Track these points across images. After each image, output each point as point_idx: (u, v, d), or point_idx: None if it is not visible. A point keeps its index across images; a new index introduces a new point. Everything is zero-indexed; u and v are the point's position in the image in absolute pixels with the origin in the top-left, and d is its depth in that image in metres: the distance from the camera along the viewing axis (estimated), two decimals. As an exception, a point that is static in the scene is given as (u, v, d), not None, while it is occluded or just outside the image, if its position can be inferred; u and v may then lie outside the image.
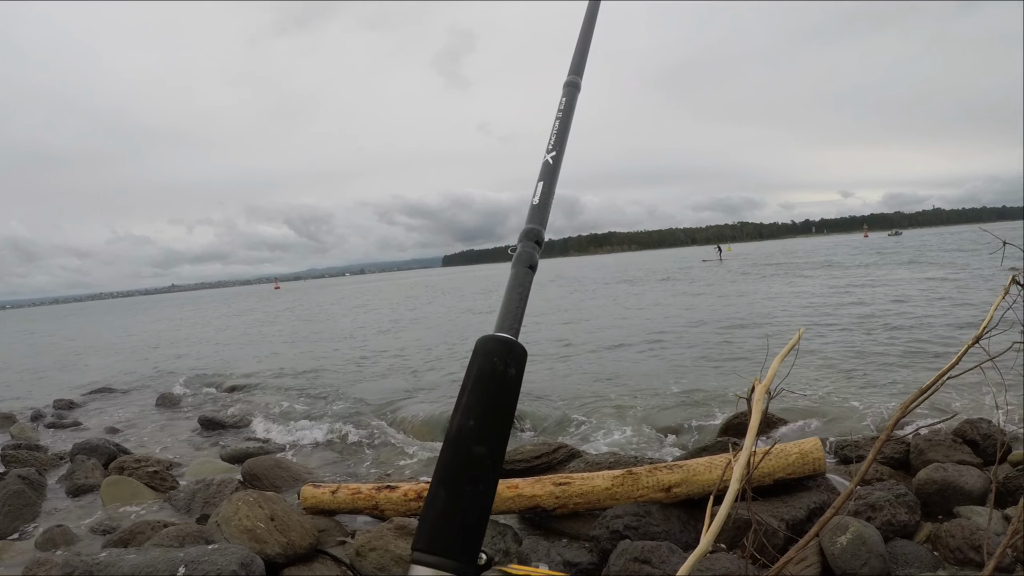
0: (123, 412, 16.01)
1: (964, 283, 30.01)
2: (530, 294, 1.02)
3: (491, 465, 0.83)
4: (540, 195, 1.06)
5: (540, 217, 1.03)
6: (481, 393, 0.86)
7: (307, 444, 11.63)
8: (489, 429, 0.84)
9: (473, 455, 0.82)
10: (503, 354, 0.88)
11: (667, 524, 6.06)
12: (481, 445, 0.83)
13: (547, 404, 13.16)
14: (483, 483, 0.82)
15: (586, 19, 1.31)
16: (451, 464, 0.83)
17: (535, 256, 0.99)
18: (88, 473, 9.92)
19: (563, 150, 1.12)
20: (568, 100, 1.19)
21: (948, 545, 5.43)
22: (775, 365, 4.14)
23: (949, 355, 4.47)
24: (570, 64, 1.27)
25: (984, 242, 65.42)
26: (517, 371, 0.88)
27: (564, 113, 1.17)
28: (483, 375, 0.87)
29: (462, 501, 0.80)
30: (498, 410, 0.86)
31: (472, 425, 0.84)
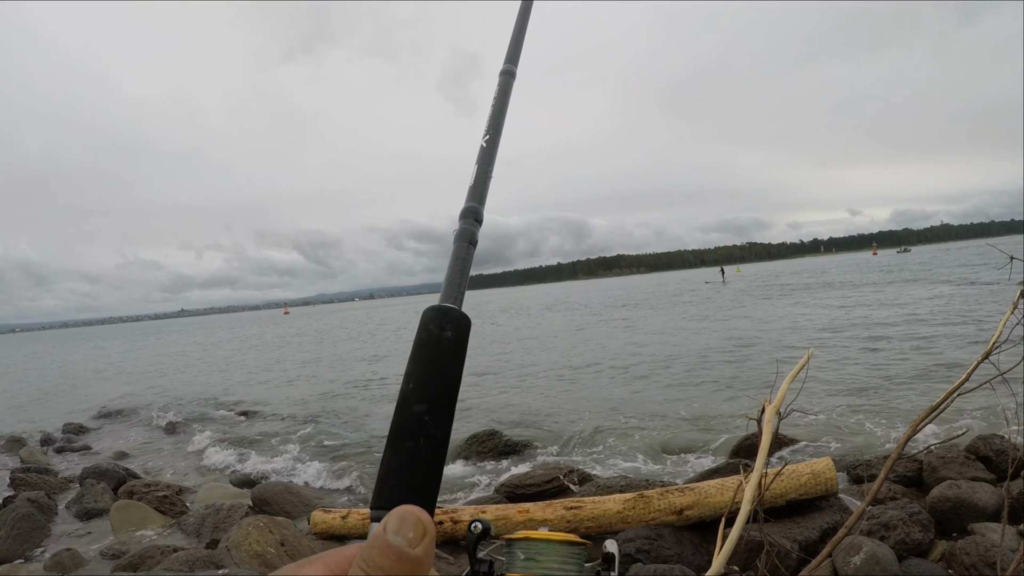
0: (132, 436, 16.03)
1: (973, 299, 29.92)
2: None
3: (433, 424, 0.86)
4: (476, 177, 1.10)
5: (478, 196, 1.09)
6: (420, 358, 0.89)
7: (316, 469, 11.59)
8: (429, 391, 0.87)
9: (414, 415, 0.85)
10: (439, 320, 0.91)
11: (679, 547, 6.03)
12: (421, 405, 0.86)
13: (557, 428, 13.12)
14: (425, 440, 0.84)
15: (520, 12, 1.37)
16: (397, 427, 0.85)
17: (475, 232, 1.05)
18: (97, 497, 9.92)
19: (499, 134, 1.16)
20: (503, 87, 1.23)
21: (963, 563, 5.39)
22: (785, 386, 4.13)
23: (959, 372, 4.45)
24: (506, 53, 1.32)
25: (991, 256, 65.25)
26: (455, 334, 0.91)
27: (498, 100, 1.20)
28: (421, 342, 0.90)
29: (410, 458, 0.84)
30: (437, 372, 0.89)
31: (412, 388, 0.87)
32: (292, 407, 18.30)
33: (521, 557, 0.91)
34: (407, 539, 0.79)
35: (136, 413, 19.72)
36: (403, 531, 0.79)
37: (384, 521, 0.80)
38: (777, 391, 4.20)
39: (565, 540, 0.93)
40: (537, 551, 0.91)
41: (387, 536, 0.79)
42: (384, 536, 0.79)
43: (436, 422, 0.87)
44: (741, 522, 3.51)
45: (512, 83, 1.29)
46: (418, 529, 0.79)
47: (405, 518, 0.79)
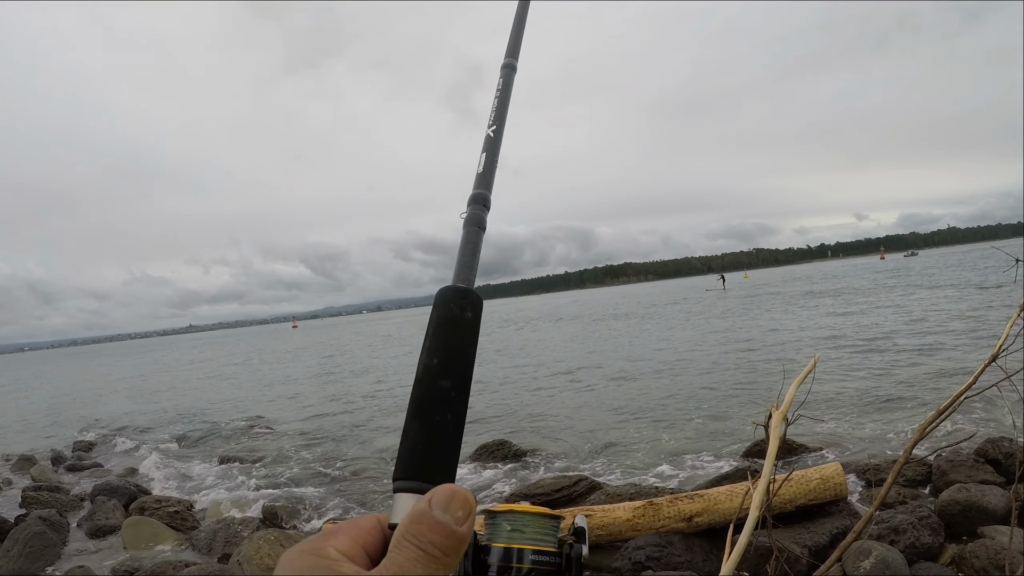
0: (142, 453, 16.04)
1: (979, 302, 29.86)
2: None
3: (456, 398, 0.90)
4: (484, 164, 1.16)
5: (486, 183, 1.14)
6: (442, 335, 0.94)
7: (326, 481, 11.61)
8: (452, 366, 0.92)
9: (439, 389, 0.90)
10: (459, 300, 0.96)
11: (689, 554, 6.04)
12: (445, 380, 0.91)
13: (566, 437, 13.12)
14: (450, 414, 0.89)
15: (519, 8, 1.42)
16: (421, 400, 0.90)
17: (484, 217, 1.10)
18: (109, 514, 9.94)
19: (503, 124, 1.22)
20: (505, 80, 1.30)
21: (973, 566, 5.39)
22: (791, 391, 4.14)
23: (966, 375, 4.46)
24: (506, 48, 1.38)
25: (998, 259, 65.07)
26: (473, 314, 0.96)
27: (502, 92, 1.28)
28: (443, 320, 0.95)
29: (434, 430, 0.88)
30: (459, 349, 0.94)
31: (436, 364, 0.92)
32: (301, 422, 18.29)
33: (507, 528, 0.95)
34: (455, 517, 0.82)
35: (146, 429, 19.74)
36: (452, 509, 0.82)
37: (429, 497, 0.83)
38: (784, 397, 4.22)
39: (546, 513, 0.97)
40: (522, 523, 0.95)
41: (434, 513, 0.82)
42: (431, 513, 0.82)
43: (460, 397, 0.92)
44: (750, 528, 3.53)
45: (513, 76, 1.34)
46: (465, 508, 0.82)
47: (454, 497, 0.83)
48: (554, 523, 0.97)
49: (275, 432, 17.06)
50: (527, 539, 0.94)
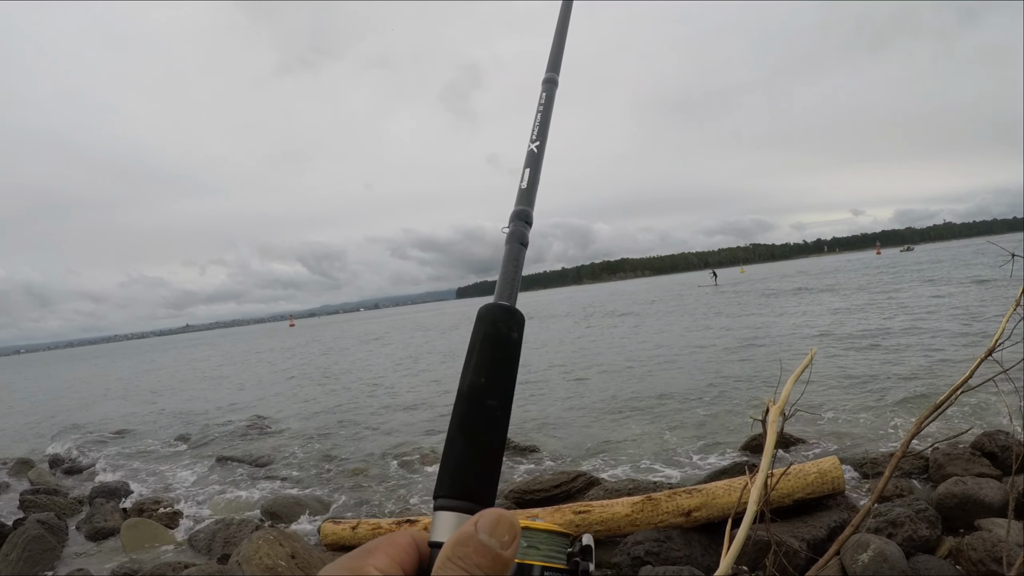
0: (141, 453, 16.03)
1: (976, 297, 29.91)
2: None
3: (501, 416, 0.90)
4: (528, 180, 1.15)
5: (528, 199, 1.14)
6: (489, 353, 0.94)
7: (325, 481, 11.61)
8: (498, 384, 0.92)
9: (486, 407, 0.90)
10: (506, 319, 0.97)
11: (688, 548, 6.06)
12: (492, 398, 0.91)
13: (564, 433, 13.15)
14: (496, 433, 0.89)
15: (560, 20, 1.43)
16: (468, 416, 0.90)
17: (526, 234, 1.10)
18: (107, 516, 9.94)
19: (545, 139, 1.22)
20: (548, 95, 1.30)
21: (970, 558, 5.41)
22: (789, 385, 4.16)
23: (963, 369, 4.48)
24: (547, 63, 1.38)
25: (994, 254, 65.20)
26: (518, 334, 0.97)
27: (544, 107, 1.28)
28: (489, 337, 0.95)
29: (479, 449, 0.88)
30: (504, 367, 0.94)
31: (483, 382, 0.92)
32: (299, 421, 18.27)
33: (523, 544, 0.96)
34: (501, 542, 0.83)
35: (144, 431, 19.71)
36: (498, 533, 0.83)
37: (476, 521, 0.83)
38: (781, 392, 4.23)
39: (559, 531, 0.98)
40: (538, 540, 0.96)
41: (480, 536, 0.82)
42: (477, 536, 0.82)
43: (504, 417, 0.92)
44: (748, 522, 3.54)
45: (555, 90, 1.35)
46: (511, 532, 0.83)
47: (501, 521, 0.83)
48: (566, 540, 0.98)
49: (273, 431, 17.05)
50: (542, 556, 0.96)
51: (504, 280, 1.05)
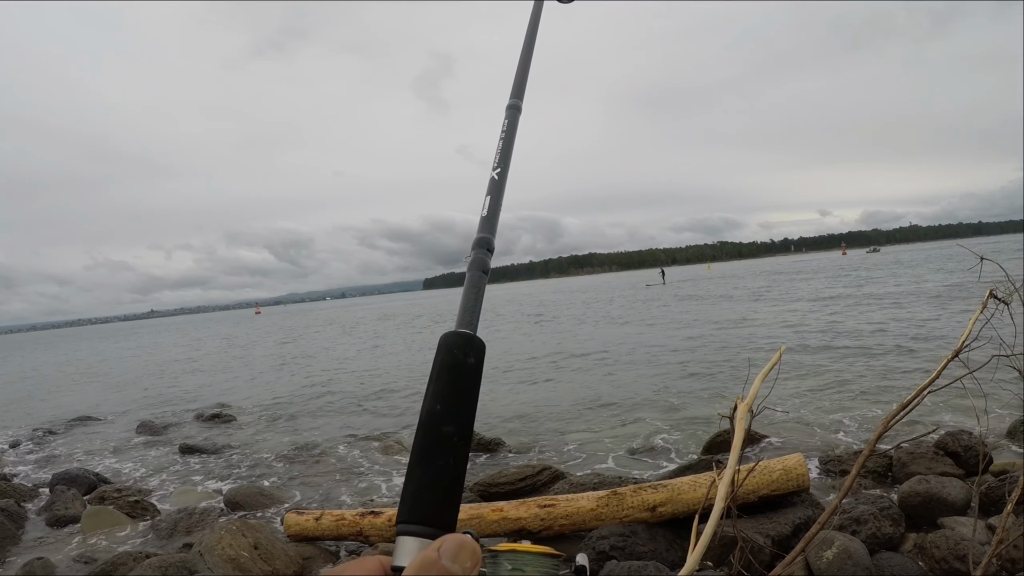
0: (103, 440, 15.86)
1: (943, 298, 30.27)
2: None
3: (459, 442, 0.91)
4: (488, 208, 1.16)
5: (489, 227, 1.14)
6: (447, 381, 0.95)
7: (289, 470, 11.54)
8: (456, 411, 0.93)
9: (443, 434, 0.91)
10: (463, 346, 0.97)
11: (653, 543, 6.06)
12: (449, 425, 0.91)
13: (530, 427, 13.16)
14: (454, 458, 0.90)
15: (524, 47, 1.42)
16: (427, 445, 0.90)
17: (487, 261, 1.11)
18: (68, 503, 9.81)
19: (507, 167, 1.22)
20: (510, 122, 1.30)
21: (933, 556, 5.46)
22: (757, 383, 4.16)
23: (930, 370, 4.52)
24: (511, 89, 1.38)
25: (960, 257, 65.96)
26: (476, 360, 0.97)
27: (507, 134, 1.27)
28: (446, 365, 0.95)
29: (438, 474, 0.89)
30: (462, 394, 0.94)
31: (440, 409, 0.92)
32: (264, 409, 18.17)
33: (508, 568, 0.95)
34: (463, 567, 0.81)
35: (107, 418, 19.50)
36: (460, 559, 0.81)
37: (438, 546, 0.82)
38: (750, 388, 4.24)
39: (548, 553, 0.97)
40: (524, 562, 0.95)
41: (443, 562, 0.81)
42: (440, 562, 0.81)
43: (462, 443, 0.92)
44: (715, 518, 3.54)
45: (519, 117, 1.34)
46: (473, 559, 0.82)
47: (463, 547, 0.82)
48: (555, 562, 0.98)
49: (237, 420, 16.94)
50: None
51: (464, 308, 1.05)
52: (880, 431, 4.34)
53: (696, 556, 3.43)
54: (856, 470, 4.18)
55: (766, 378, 4.34)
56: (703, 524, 3.62)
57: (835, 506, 4.03)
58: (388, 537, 6.83)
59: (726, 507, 3.70)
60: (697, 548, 3.45)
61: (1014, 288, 4.40)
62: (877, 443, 4.44)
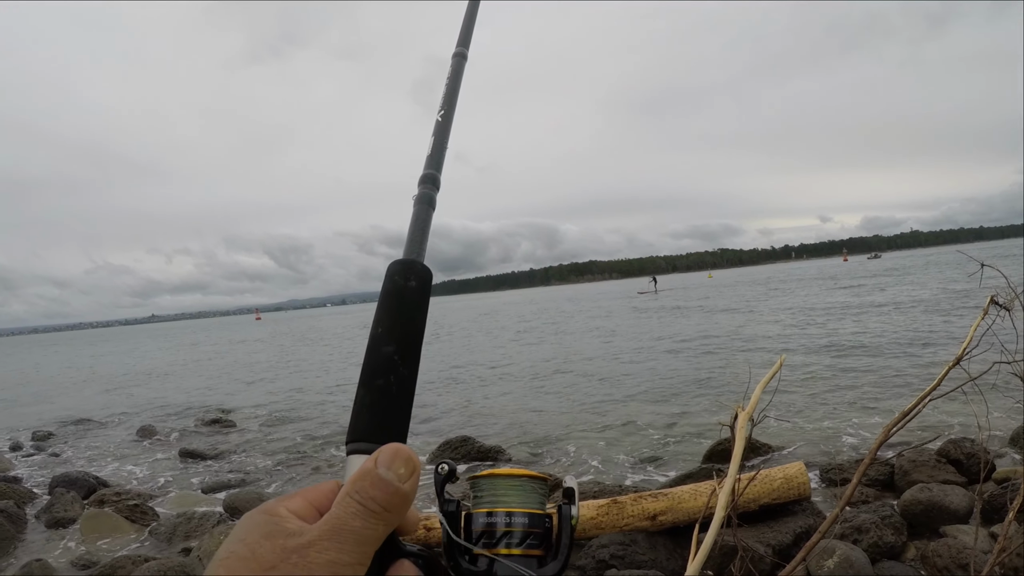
0: (103, 444, 15.85)
1: (944, 304, 30.25)
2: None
3: (400, 362, 0.94)
4: (433, 147, 1.21)
5: (435, 164, 1.19)
6: (388, 306, 0.99)
7: (289, 474, 11.53)
8: (396, 332, 0.96)
9: (383, 355, 0.94)
10: (404, 272, 1.01)
11: (653, 552, 6.04)
12: (389, 346, 0.95)
13: (529, 434, 13.14)
14: (395, 376, 0.93)
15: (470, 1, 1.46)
16: (368, 367, 0.93)
17: (434, 196, 1.15)
18: (67, 506, 9.80)
19: (452, 110, 1.27)
20: (455, 69, 1.35)
21: (935, 565, 5.44)
22: (757, 392, 4.15)
23: (931, 377, 4.51)
24: (458, 37, 1.42)
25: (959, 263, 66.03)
26: (418, 283, 1.01)
27: (452, 80, 1.33)
28: (388, 292, 1.00)
29: (379, 394, 0.92)
30: (403, 316, 0.98)
31: (381, 332, 0.96)
32: (265, 414, 18.16)
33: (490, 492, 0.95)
34: (398, 475, 0.83)
35: (107, 421, 19.49)
36: (395, 467, 0.83)
37: (375, 456, 0.84)
38: (750, 397, 4.22)
39: (527, 475, 0.97)
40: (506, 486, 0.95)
41: (379, 471, 0.82)
42: (375, 470, 0.82)
43: (404, 362, 0.95)
44: (715, 527, 3.52)
45: (464, 64, 1.38)
46: (408, 466, 0.84)
47: (397, 455, 0.84)
48: (537, 484, 0.98)
49: (237, 425, 16.93)
50: (513, 502, 0.95)
51: (411, 238, 1.09)
52: (881, 439, 4.32)
53: (696, 565, 3.41)
54: (857, 479, 4.16)
55: (767, 387, 4.33)
56: (703, 533, 3.60)
57: (836, 514, 4.01)
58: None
59: (726, 516, 3.68)
60: (697, 557, 3.43)
61: (1015, 294, 4.39)
62: (878, 451, 4.42)
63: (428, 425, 15.02)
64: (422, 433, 14.02)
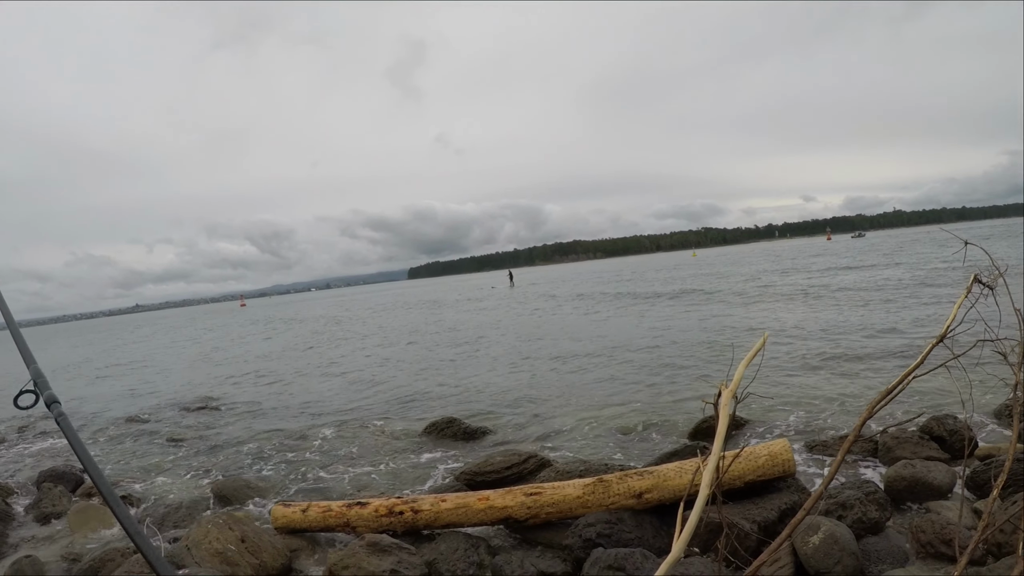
0: (89, 435, 15.78)
1: (927, 283, 30.42)
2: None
3: None
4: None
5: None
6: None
7: (277, 462, 11.51)
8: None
9: None
10: None
11: (640, 530, 6.07)
12: None
13: (515, 414, 13.17)
14: None
15: None
16: None
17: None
18: (55, 501, 9.76)
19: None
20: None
21: (920, 540, 5.50)
22: (741, 370, 4.16)
23: (915, 355, 4.55)
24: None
25: (941, 241, 66.35)
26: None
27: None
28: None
29: None
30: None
31: None
32: (251, 402, 18.10)
33: None
34: None
35: (93, 411, 19.41)
36: None
37: None
38: (734, 375, 4.24)
39: None
40: None
41: None
42: None
43: None
44: (700, 505, 3.54)
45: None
46: None
47: None
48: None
49: (225, 412, 16.89)
50: None
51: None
52: (865, 416, 4.35)
53: (682, 543, 3.43)
54: (842, 455, 4.19)
55: (750, 364, 4.35)
56: (689, 510, 3.62)
57: (821, 491, 4.04)
58: (375, 528, 6.82)
59: (711, 493, 3.70)
60: (683, 535, 3.45)
61: (998, 273, 4.42)
62: (862, 428, 4.44)
63: (414, 406, 15.04)
64: (408, 415, 14.04)
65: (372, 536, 6.14)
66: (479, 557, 6.05)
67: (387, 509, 6.91)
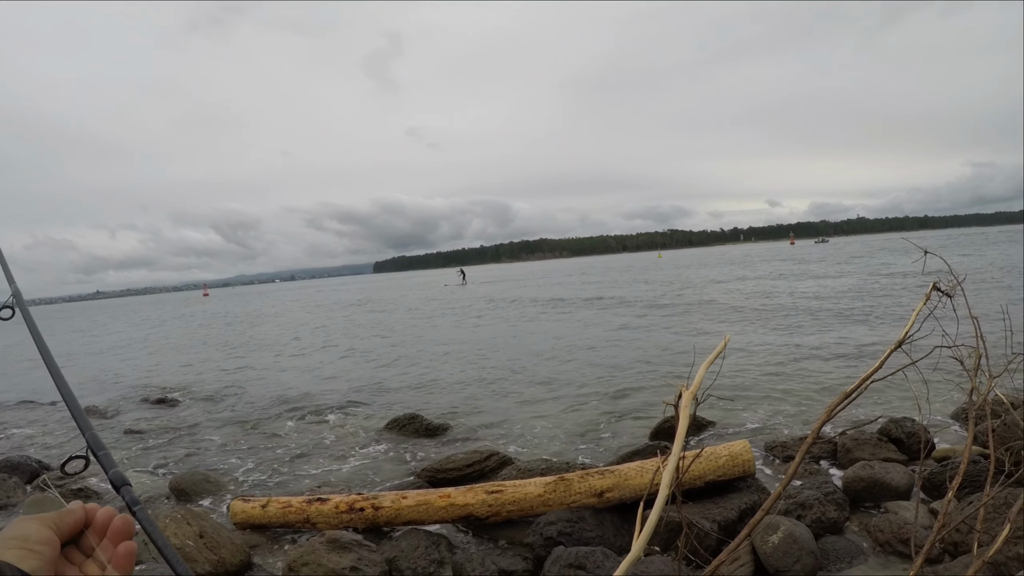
0: (45, 426, 15.55)
1: (886, 289, 30.78)
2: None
3: None
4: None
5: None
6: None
7: (236, 456, 11.41)
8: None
9: None
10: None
11: (600, 529, 6.09)
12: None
13: (478, 412, 13.16)
14: None
15: None
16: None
17: None
18: (10, 492, 9.62)
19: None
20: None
21: (877, 539, 5.59)
22: (702, 371, 4.19)
23: (873, 359, 4.60)
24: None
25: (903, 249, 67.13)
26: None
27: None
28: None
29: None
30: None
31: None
32: (210, 393, 17.91)
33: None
34: None
35: (48, 401, 19.11)
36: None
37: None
38: (695, 376, 4.26)
39: None
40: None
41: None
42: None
43: None
44: (660, 504, 3.56)
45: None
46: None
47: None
48: None
49: (183, 403, 16.73)
50: None
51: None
52: (824, 418, 4.39)
53: (642, 541, 3.44)
54: (800, 456, 4.23)
55: (711, 366, 4.38)
56: (649, 509, 3.63)
57: (779, 492, 4.07)
58: (336, 524, 6.80)
59: (672, 493, 3.72)
60: (643, 533, 3.47)
61: (957, 282, 4.48)
62: (821, 430, 4.49)
63: (378, 399, 15.00)
64: (372, 411, 13.98)
65: (333, 532, 6.12)
66: (440, 555, 6.04)
67: (348, 505, 6.89)
